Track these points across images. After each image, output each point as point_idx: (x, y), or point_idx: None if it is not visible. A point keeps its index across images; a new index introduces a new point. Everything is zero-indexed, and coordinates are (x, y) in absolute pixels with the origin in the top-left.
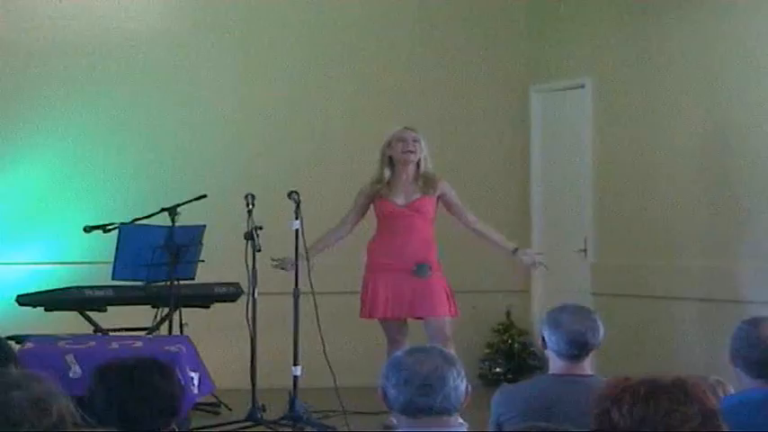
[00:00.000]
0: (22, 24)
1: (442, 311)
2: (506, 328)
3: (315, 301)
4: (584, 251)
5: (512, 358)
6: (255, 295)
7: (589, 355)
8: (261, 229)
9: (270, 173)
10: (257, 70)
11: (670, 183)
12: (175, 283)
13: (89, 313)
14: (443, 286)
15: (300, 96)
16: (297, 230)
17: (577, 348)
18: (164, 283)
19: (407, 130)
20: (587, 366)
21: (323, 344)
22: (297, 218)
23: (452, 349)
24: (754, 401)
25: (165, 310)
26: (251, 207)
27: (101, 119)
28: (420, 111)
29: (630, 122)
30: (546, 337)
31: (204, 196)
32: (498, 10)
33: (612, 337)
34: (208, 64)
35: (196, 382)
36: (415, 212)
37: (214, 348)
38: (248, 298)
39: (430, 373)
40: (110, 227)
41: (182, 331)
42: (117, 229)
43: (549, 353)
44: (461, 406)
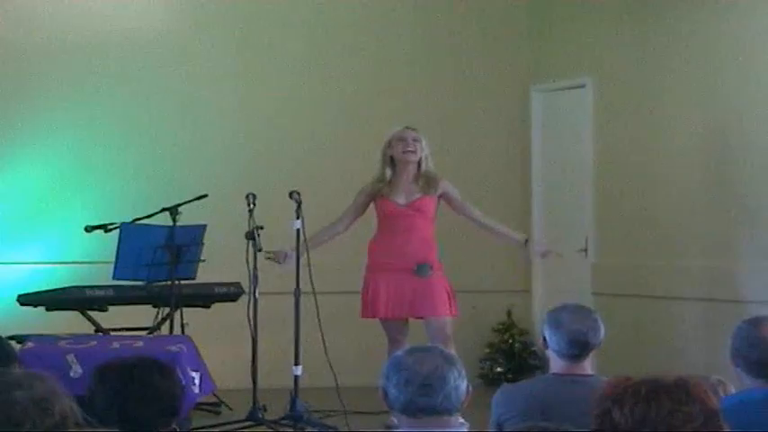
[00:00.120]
0: (22, 24)
1: (442, 311)
2: (507, 327)
3: (316, 301)
4: (585, 251)
5: (512, 358)
6: (256, 295)
7: (590, 354)
8: (262, 228)
9: (271, 172)
10: (258, 70)
11: (670, 182)
12: (176, 282)
13: (90, 313)
14: (444, 286)
15: (301, 96)
16: (298, 230)
17: (578, 348)
18: (164, 283)
19: (408, 129)
20: (588, 366)
21: (324, 344)
22: (298, 217)
23: (453, 349)
24: (755, 401)
25: (166, 309)
26: (252, 207)
27: (101, 118)
28: (421, 110)
29: (631, 122)
30: (547, 337)
31: (205, 196)
32: (499, 10)
33: (613, 337)
34: (208, 64)
35: (197, 381)
36: (415, 212)
37: (215, 348)
38: (249, 298)
39: (430, 372)
40: (111, 227)
41: (182, 331)
42: (118, 228)
43: (549, 353)
44: (462, 406)
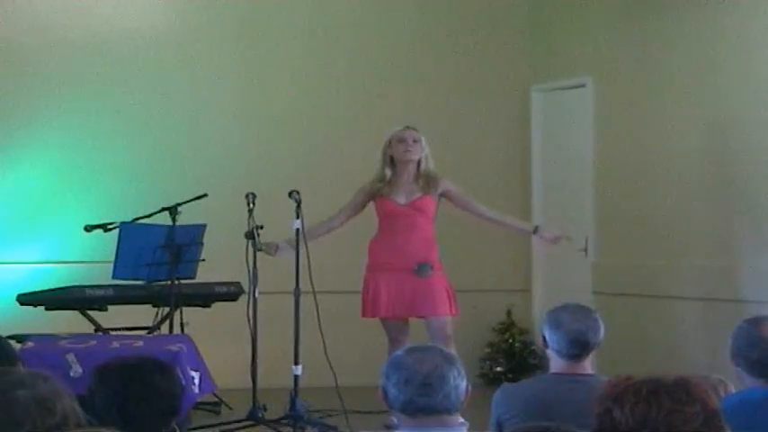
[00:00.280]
0: (22, 24)
1: (443, 311)
2: (507, 327)
3: (315, 301)
4: (585, 250)
5: (512, 357)
6: (256, 294)
7: (590, 354)
8: (261, 228)
9: (271, 172)
10: (258, 70)
11: (671, 182)
12: (176, 282)
13: (90, 312)
14: (444, 286)
15: (301, 96)
16: (297, 230)
17: (578, 348)
18: (164, 283)
19: (408, 129)
20: (588, 366)
21: (324, 343)
22: (298, 217)
23: (453, 349)
24: (755, 401)
25: (166, 309)
26: (252, 206)
27: (101, 118)
28: (421, 110)
29: (631, 122)
30: (547, 337)
31: (205, 195)
32: (499, 10)
33: (613, 337)
34: (208, 64)
35: (197, 381)
36: (416, 211)
37: (215, 348)
38: (249, 297)
39: (430, 372)
40: (110, 226)
41: (182, 330)
42: (118, 228)
43: (549, 352)
44: (462, 405)
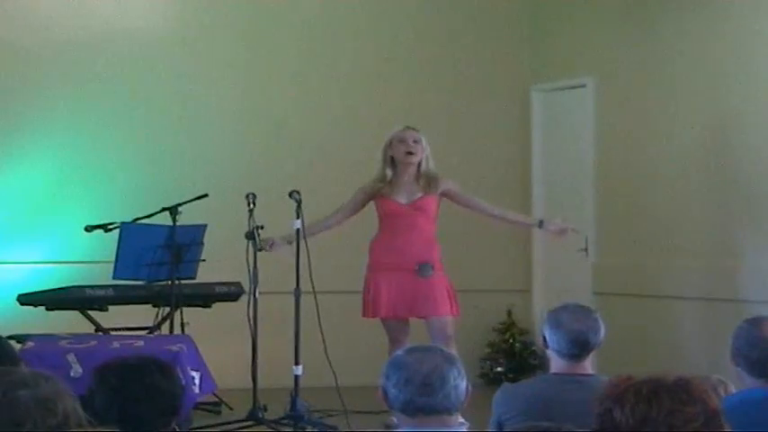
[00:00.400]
0: (22, 24)
1: (444, 311)
2: (507, 327)
3: (316, 301)
4: (586, 250)
5: (513, 357)
6: (256, 295)
7: (590, 354)
8: (262, 228)
9: (271, 172)
10: (259, 70)
11: (671, 182)
12: (176, 282)
13: (90, 312)
14: (445, 285)
15: (302, 96)
16: (298, 230)
17: (578, 348)
18: (165, 283)
19: (409, 129)
20: (588, 366)
21: (324, 343)
22: (298, 217)
23: (454, 349)
24: (756, 401)
25: (167, 309)
26: (252, 206)
27: (102, 118)
28: (421, 111)
29: (632, 122)
30: (547, 337)
31: (205, 195)
32: (500, 10)
33: (613, 337)
34: (209, 64)
35: (197, 381)
36: (417, 211)
37: (215, 348)
38: (249, 297)
39: (430, 372)
40: (111, 226)
41: (183, 331)
42: (118, 228)
43: (550, 352)
44: (462, 405)
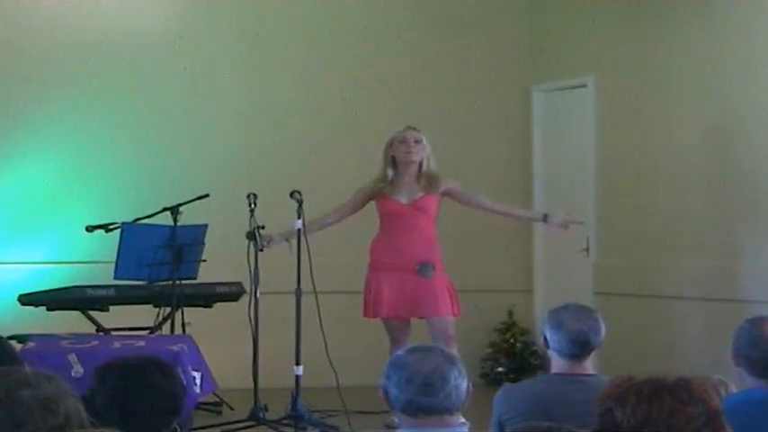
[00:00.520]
0: (22, 24)
1: (445, 311)
2: (508, 327)
3: (317, 301)
4: (587, 250)
5: (514, 357)
6: (257, 295)
7: (591, 354)
8: (263, 228)
9: (272, 172)
10: (260, 70)
11: (672, 182)
12: (177, 282)
13: (91, 313)
14: (446, 286)
15: (303, 96)
16: (299, 230)
17: (579, 348)
18: (166, 283)
19: (410, 129)
20: (589, 366)
21: (325, 343)
22: (299, 217)
23: (455, 349)
24: (756, 401)
25: (167, 309)
26: (253, 206)
27: (102, 118)
28: (421, 111)
29: (632, 122)
30: (548, 337)
31: (206, 196)
32: (500, 9)
33: (614, 337)
34: (210, 63)
35: (198, 381)
36: (418, 211)
37: (216, 348)
38: (250, 297)
39: (431, 372)
40: (112, 226)
41: (184, 331)
42: (119, 228)
43: (550, 352)
44: (463, 405)
